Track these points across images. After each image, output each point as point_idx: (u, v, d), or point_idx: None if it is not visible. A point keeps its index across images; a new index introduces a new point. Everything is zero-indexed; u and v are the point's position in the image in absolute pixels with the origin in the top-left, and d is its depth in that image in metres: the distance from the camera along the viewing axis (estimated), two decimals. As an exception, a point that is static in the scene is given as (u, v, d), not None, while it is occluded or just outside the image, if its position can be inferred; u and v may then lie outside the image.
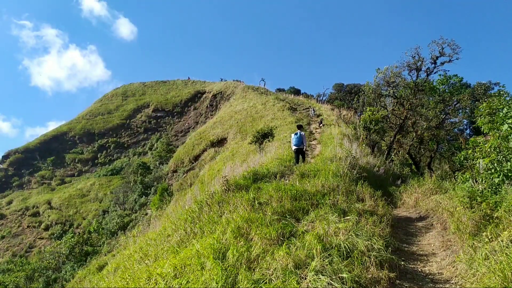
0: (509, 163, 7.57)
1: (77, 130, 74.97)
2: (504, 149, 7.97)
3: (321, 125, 29.66)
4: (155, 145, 67.90)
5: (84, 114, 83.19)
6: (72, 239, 35.00)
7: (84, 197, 53.95)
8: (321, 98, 57.30)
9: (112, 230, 39.00)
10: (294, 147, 13.84)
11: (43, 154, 69.27)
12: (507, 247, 4.36)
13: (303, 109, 40.99)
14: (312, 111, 39.04)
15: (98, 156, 69.88)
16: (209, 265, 4.87)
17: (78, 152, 70.72)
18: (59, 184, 62.30)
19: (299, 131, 14.15)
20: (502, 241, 4.63)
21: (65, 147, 71.77)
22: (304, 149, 14.01)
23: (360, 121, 23.24)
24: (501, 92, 9.25)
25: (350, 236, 5.50)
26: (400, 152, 23.74)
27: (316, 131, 27.31)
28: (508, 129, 7.89)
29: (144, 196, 46.76)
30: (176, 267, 5.25)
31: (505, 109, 8.20)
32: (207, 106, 72.09)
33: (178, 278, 4.91)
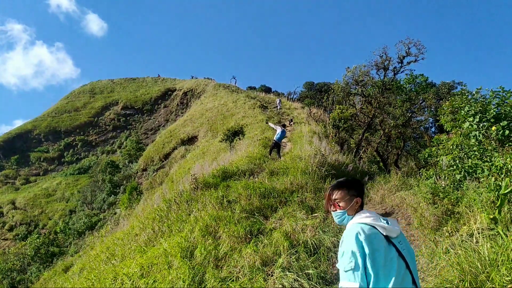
0: (470, 160, 7.83)
1: (43, 128, 72.50)
2: (465, 146, 8.25)
3: (291, 123, 29.89)
4: (124, 143, 66.54)
5: (50, 111, 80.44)
6: (38, 240, 34.08)
7: (50, 196, 52.34)
8: (291, 96, 57.54)
9: (80, 230, 38.04)
10: (276, 140, 15.58)
11: (7, 152, 66.70)
12: (465, 241, 4.52)
13: (274, 107, 41.19)
14: (279, 104, 39.64)
15: (65, 154, 67.82)
16: (177, 264, 4.84)
17: (44, 150, 68.45)
18: (24, 184, 60.14)
19: (283, 128, 16.28)
20: (461, 235, 4.80)
21: (30, 145, 69.29)
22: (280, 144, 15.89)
23: (329, 119, 23.53)
24: (463, 91, 9.55)
25: (317, 233, 5.58)
26: (368, 150, 24.14)
27: (286, 129, 27.44)
28: (469, 127, 8.17)
29: (112, 195, 45.84)
30: (143, 267, 5.19)
31: (466, 107, 8.47)
32: (177, 104, 71.29)
33: (144, 277, 4.85)
